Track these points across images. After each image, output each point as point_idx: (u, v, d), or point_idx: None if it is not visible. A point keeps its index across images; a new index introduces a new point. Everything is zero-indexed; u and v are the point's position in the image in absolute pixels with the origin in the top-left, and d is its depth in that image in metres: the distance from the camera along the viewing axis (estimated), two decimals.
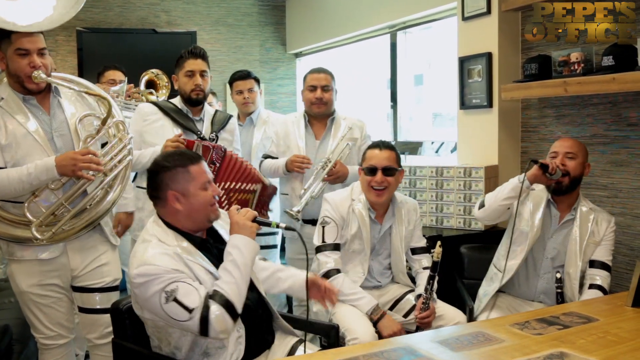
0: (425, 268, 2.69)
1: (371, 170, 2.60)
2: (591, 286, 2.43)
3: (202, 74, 3.02)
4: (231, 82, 3.90)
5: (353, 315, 2.46)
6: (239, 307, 1.82)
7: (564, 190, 2.49)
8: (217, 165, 2.87)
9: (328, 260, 2.59)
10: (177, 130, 2.98)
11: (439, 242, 2.44)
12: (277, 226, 2.01)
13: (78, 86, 2.43)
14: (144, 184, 2.96)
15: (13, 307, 3.10)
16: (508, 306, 2.58)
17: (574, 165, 2.48)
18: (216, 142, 2.99)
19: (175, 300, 1.75)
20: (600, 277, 2.44)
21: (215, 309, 1.77)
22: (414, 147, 4.60)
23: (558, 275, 2.44)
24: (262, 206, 3.05)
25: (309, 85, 3.23)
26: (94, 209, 2.38)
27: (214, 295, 1.80)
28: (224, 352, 1.91)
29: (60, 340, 2.46)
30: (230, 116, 3.26)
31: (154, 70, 4.03)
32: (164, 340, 1.92)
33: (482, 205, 2.62)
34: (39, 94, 2.35)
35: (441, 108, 4.79)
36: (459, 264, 2.96)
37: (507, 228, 2.67)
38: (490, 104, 3.45)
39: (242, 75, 3.84)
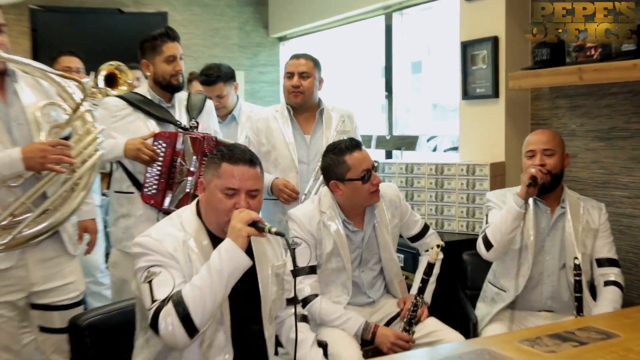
0: (438, 246, 2.50)
1: (367, 175, 2.45)
2: (606, 283, 2.45)
3: (181, 57, 2.90)
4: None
5: (337, 337, 2.34)
6: (194, 315, 1.69)
7: (547, 189, 2.50)
8: None
9: (303, 286, 2.42)
10: (151, 125, 2.81)
11: (436, 242, 2.39)
12: (269, 231, 1.81)
13: (37, 71, 2.29)
14: (125, 188, 2.81)
15: None
16: (512, 319, 2.51)
17: (553, 162, 2.49)
18: (197, 129, 2.88)
19: (150, 283, 1.76)
20: (613, 274, 2.47)
21: (168, 307, 1.70)
22: (411, 142, 4.54)
23: (576, 262, 2.37)
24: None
25: (287, 72, 3.12)
26: (57, 211, 2.23)
27: (173, 295, 1.73)
28: None
29: None
30: (206, 97, 3.11)
31: (114, 62, 3.63)
32: (143, 323, 1.87)
33: (487, 244, 2.50)
34: None
35: (441, 99, 4.76)
36: (461, 272, 2.84)
37: None
38: (496, 94, 3.37)
39: (205, 81, 3.59)
